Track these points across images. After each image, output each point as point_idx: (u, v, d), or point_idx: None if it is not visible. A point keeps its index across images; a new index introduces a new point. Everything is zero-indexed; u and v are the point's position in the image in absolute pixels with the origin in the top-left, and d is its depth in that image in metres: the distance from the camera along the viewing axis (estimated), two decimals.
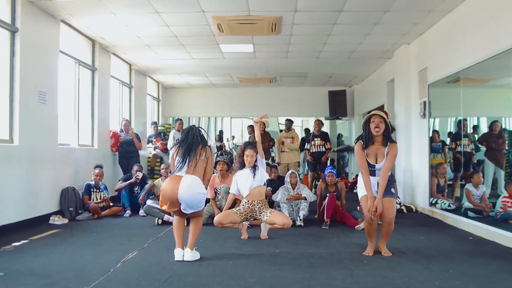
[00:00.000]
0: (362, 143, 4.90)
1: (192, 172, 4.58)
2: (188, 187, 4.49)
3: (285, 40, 8.79)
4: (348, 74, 12.71)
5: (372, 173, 4.87)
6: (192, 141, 4.65)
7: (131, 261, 4.63)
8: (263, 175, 5.91)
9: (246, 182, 5.83)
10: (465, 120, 7.35)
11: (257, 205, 5.79)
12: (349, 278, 4.00)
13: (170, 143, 11.04)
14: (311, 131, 10.96)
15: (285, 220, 5.60)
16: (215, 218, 5.73)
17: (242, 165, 5.95)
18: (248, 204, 5.81)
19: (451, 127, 8.51)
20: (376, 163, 4.83)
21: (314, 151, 10.43)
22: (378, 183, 4.82)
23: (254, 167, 5.85)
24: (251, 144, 5.97)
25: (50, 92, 7.22)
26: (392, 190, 4.90)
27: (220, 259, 4.70)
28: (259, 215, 5.79)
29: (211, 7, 6.99)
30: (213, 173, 7.36)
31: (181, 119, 11.88)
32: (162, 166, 8.54)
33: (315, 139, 10.44)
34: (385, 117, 4.87)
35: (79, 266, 4.38)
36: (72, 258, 4.77)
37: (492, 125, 7.10)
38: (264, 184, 6.04)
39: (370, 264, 4.51)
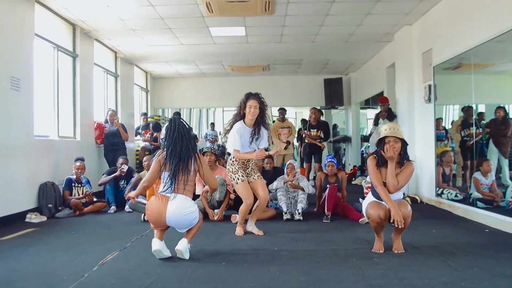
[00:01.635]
0: (377, 158, 4.40)
1: (183, 191, 4.12)
2: (175, 210, 4.05)
3: (279, 21, 8.21)
4: (345, 61, 12.19)
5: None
6: (181, 152, 4.12)
7: (110, 263, 4.07)
8: (264, 142, 5.40)
9: (246, 143, 5.29)
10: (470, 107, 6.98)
11: (250, 162, 5.39)
12: (361, 280, 3.46)
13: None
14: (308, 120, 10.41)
15: (264, 194, 5.34)
16: (246, 203, 5.27)
17: (242, 117, 5.31)
18: (242, 160, 5.34)
19: (450, 115, 8.19)
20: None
21: (309, 142, 9.91)
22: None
23: (258, 130, 5.31)
24: (253, 94, 5.33)
25: (25, 79, 6.60)
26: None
27: (211, 260, 4.14)
28: (249, 173, 5.37)
29: None
30: None
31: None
32: (145, 158, 7.97)
33: (311, 129, 9.90)
34: (401, 135, 4.34)
35: (50, 271, 3.82)
36: (44, 261, 4.20)
37: (496, 111, 6.81)
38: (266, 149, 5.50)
39: (382, 262, 3.97)
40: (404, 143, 4.34)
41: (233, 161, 5.33)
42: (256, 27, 8.65)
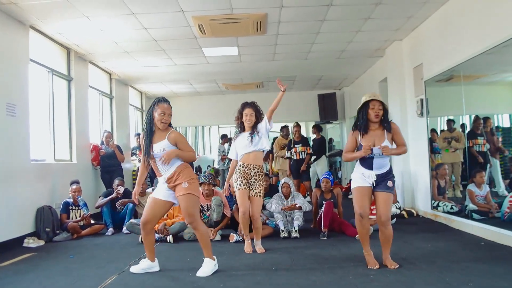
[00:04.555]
0: (358, 127, 4.54)
1: None
2: None
3: (271, 40, 8.32)
4: (338, 76, 12.31)
5: (369, 163, 4.43)
6: None
7: (109, 287, 4.10)
8: (263, 141, 5.48)
9: (243, 145, 5.45)
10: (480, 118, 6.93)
11: (253, 169, 5.43)
12: None
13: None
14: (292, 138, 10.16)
15: (254, 212, 5.42)
16: (241, 211, 5.45)
17: (242, 128, 5.55)
18: (243, 167, 5.43)
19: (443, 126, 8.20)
20: (374, 146, 4.39)
21: (295, 158, 9.65)
22: (375, 176, 4.42)
23: (253, 131, 5.43)
24: (249, 103, 5.56)
25: (20, 104, 6.65)
26: (389, 184, 4.46)
27: (209, 282, 4.17)
28: (252, 184, 5.43)
29: (191, 6, 6.52)
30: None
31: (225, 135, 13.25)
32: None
33: (296, 145, 9.68)
34: (384, 102, 4.49)
35: None
36: (42, 287, 4.22)
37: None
38: (263, 152, 5.59)
39: (378, 279, 4.01)
40: (385, 111, 4.47)
41: (237, 169, 5.49)
42: (249, 47, 8.76)
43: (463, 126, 7.10)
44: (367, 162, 4.44)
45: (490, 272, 4.13)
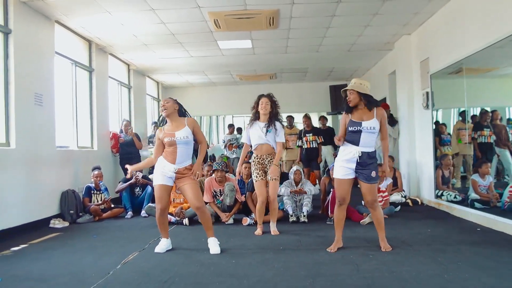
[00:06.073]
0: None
1: None
2: None
3: (283, 34, 8.65)
4: (349, 68, 12.58)
5: (356, 138, 4.66)
6: None
7: (131, 262, 4.52)
8: (277, 136, 5.79)
9: (257, 135, 5.81)
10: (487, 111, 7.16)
11: (266, 159, 5.82)
12: (355, 274, 3.88)
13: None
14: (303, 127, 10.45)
15: (270, 194, 5.82)
16: (259, 201, 5.84)
17: (256, 117, 5.87)
18: (258, 159, 5.84)
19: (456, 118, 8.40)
20: (362, 120, 4.67)
21: (306, 147, 10.03)
22: (360, 152, 4.64)
23: (269, 124, 5.76)
24: (265, 95, 5.89)
25: (47, 94, 7.12)
26: (373, 174, 4.71)
27: (222, 258, 4.58)
28: (267, 171, 5.80)
29: (207, 3, 6.87)
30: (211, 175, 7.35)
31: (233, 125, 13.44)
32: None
33: (306, 135, 10.05)
34: (356, 87, 4.74)
35: (78, 270, 4.27)
36: (71, 261, 4.66)
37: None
38: (273, 148, 5.86)
39: (376, 258, 4.38)
40: (362, 94, 4.72)
41: (252, 160, 5.92)
42: (262, 40, 9.09)
43: (473, 117, 7.29)
44: (354, 137, 4.67)
45: (479, 254, 4.48)
